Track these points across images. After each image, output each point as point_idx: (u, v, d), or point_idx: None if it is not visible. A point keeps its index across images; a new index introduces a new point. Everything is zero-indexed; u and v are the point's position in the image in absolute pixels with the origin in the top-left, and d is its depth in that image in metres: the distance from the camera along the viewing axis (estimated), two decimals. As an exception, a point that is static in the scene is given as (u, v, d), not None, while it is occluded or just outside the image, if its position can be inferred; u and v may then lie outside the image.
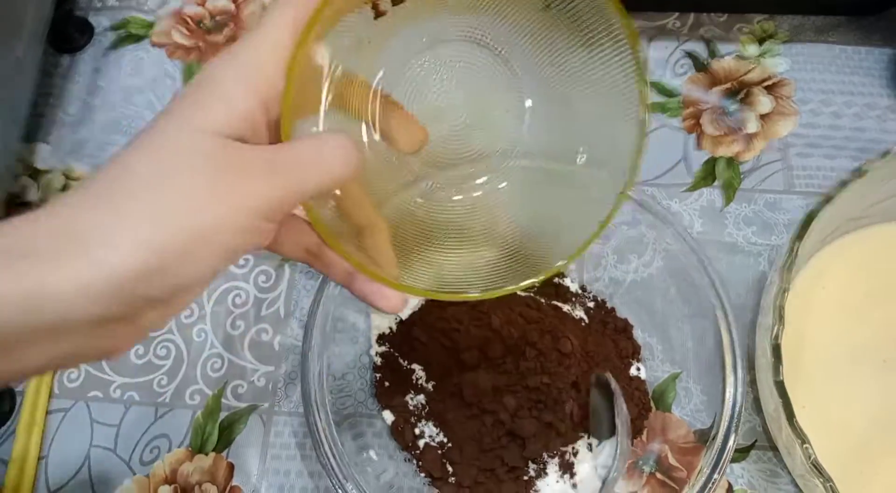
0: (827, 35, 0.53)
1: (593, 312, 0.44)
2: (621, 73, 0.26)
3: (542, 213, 0.31)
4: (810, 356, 0.42)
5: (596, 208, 0.27)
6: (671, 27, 0.54)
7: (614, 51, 0.26)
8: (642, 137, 0.26)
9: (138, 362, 0.45)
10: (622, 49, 0.26)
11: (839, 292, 0.43)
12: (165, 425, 0.44)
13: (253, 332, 0.46)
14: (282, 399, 0.44)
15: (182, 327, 0.46)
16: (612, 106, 0.27)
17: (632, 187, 0.27)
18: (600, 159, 0.29)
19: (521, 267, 0.29)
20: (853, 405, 0.41)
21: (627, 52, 0.25)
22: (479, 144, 0.30)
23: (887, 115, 0.50)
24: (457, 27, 0.29)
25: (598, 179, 0.29)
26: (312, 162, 0.23)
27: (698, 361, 0.43)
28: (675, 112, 0.51)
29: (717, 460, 0.38)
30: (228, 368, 0.45)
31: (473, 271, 0.29)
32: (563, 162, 0.30)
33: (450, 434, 0.41)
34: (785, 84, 0.51)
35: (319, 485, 0.42)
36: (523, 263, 0.29)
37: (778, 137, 0.50)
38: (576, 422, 0.41)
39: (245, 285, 0.47)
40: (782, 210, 0.48)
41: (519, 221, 0.30)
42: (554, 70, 0.29)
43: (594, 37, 0.26)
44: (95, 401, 0.44)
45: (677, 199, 0.48)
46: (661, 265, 0.45)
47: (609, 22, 0.25)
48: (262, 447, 0.43)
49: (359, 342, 0.44)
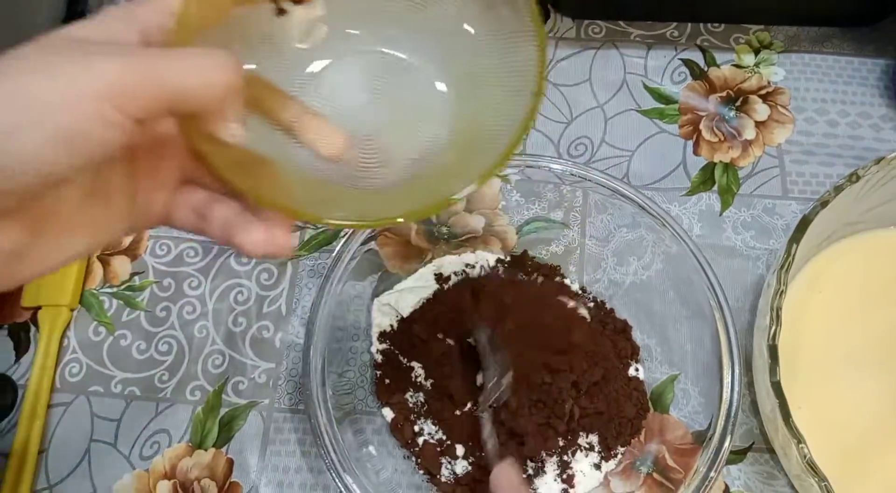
0: (822, 46, 0.54)
1: (593, 312, 0.45)
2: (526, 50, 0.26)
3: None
4: (806, 359, 0.42)
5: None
6: (669, 37, 0.55)
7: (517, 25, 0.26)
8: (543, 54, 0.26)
9: (140, 357, 0.45)
10: (527, 27, 0.26)
11: (835, 296, 0.43)
12: (166, 420, 0.44)
13: (254, 329, 0.46)
14: (282, 396, 0.44)
15: (184, 323, 0.46)
16: (519, 82, 0.26)
17: (542, 94, 0.26)
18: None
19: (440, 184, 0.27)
20: (849, 407, 0.41)
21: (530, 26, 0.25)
22: (397, 144, 0.29)
23: (882, 124, 0.51)
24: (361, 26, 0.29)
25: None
26: (181, 58, 0.21)
27: (696, 363, 0.43)
28: (673, 118, 0.52)
29: (713, 461, 0.39)
30: (229, 364, 0.45)
31: (388, 201, 0.28)
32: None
33: (448, 432, 0.41)
34: (781, 93, 0.52)
35: (319, 481, 0.42)
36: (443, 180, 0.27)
37: (774, 144, 0.51)
38: (575, 422, 0.41)
39: (247, 282, 0.47)
40: (779, 215, 0.48)
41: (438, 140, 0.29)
42: (464, 58, 0.29)
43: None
44: (96, 395, 0.44)
45: (676, 203, 0.49)
46: (660, 268, 0.45)
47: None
48: (261, 443, 0.43)
49: (360, 340, 0.45)
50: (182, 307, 0.47)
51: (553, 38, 0.55)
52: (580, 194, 0.47)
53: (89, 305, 0.47)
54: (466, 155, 0.27)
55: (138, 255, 0.48)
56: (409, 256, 0.47)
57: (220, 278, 0.47)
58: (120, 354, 0.46)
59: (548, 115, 0.52)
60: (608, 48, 0.54)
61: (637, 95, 0.53)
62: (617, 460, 0.42)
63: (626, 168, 0.50)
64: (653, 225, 0.44)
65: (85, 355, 0.46)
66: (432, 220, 0.47)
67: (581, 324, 0.43)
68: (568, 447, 0.41)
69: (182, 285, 0.47)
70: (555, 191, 0.47)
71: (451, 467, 0.41)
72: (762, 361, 0.37)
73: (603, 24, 0.55)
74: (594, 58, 0.54)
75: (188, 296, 0.47)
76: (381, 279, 0.46)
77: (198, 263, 0.48)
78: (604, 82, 0.53)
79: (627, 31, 0.55)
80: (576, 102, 0.53)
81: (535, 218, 0.48)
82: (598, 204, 0.47)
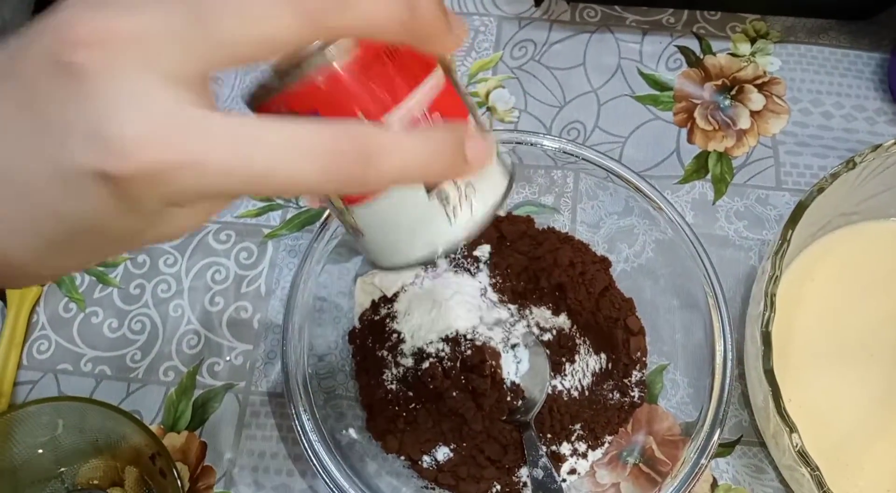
0: (818, 37, 0.53)
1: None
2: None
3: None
4: (798, 349, 0.41)
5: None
6: (665, 23, 0.54)
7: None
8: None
9: (111, 335, 0.44)
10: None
11: (828, 286, 0.43)
12: (137, 401, 0.42)
13: (232, 309, 0.44)
14: (259, 379, 0.43)
15: (158, 301, 0.45)
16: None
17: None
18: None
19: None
20: (840, 398, 0.40)
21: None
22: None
23: (876, 117, 0.51)
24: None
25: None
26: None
27: (686, 352, 0.42)
28: (668, 106, 0.51)
29: (701, 453, 0.38)
30: (205, 345, 0.43)
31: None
32: None
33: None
34: (777, 82, 0.51)
35: (295, 467, 0.41)
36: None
37: (769, 134, 0.50)
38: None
39: (226, 260, 0.46)
40: (773, 206, 0.48)
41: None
42: None
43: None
44: (65, 374, 0.43)
45: (669, 191, 0.48)
46: (651, 256, 0.44)
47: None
48: (236, 426, 0.42)
49: (341, 323, 0.43)
50: (157, 285, 0.45)
51: (548, 20, 0.54)
52: (571, 180, 0.46)
53: (60, 280, 0.45)
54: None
55: (113, 230, 0.46)
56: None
57: (197, 256, 0.46)
58: (91, 331, 0.44)
59: (540, 98, 0.51)
60: (603, 32, 0.53)
61: (631, 80, 0.52)
62: (603, 449, 0.41)
63: (618, 154, 0.49)
64: (647, 210, 0.42)
65: (54, 332, 0.44)
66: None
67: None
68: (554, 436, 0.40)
69: (157, 261, 0.46)
70: (546, 175, 0.46)
71: (432, 453, 0.39)
72: (755, 349, 0.36)
73: (598, 8, 0.54)
74: (589, 42, 0.53)
75: (163, 273, 0.45)
76: (364, 260, 0.44)
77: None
78: (598, 67, 0.52)
79: (623, 15, 0.54)
80: (569, 86, 0.51)
81: (525, 202, 0.46)
82: (589, 190, 0.46)
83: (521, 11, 0.54)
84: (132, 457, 0.38)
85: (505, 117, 0.50)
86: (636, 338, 0.42)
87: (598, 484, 0.40)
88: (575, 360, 0.41)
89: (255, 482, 0.40)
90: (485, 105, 0.51)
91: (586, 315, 0.41)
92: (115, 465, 0.38)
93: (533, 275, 0.42)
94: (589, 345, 0.41)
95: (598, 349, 0.41)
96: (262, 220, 0.47)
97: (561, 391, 0.40)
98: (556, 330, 0.41)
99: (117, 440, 0.37)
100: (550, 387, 0.40)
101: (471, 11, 0.54)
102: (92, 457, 0.38)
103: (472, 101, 0.24)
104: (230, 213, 0.47)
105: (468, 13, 0.54)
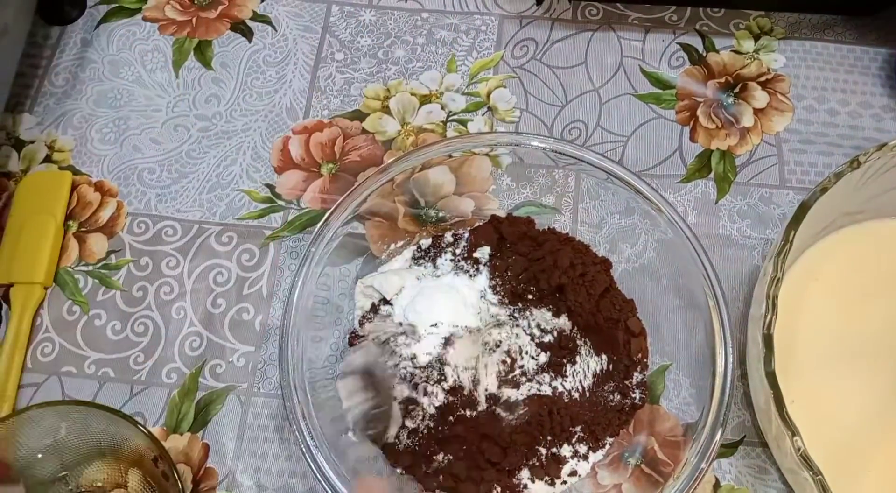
0: (823, 33, 0.53)
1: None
2: None
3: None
4: (801, 350, 0.41)
5: None
6: (668, 20, 0.53)
7: None
8: None
9: (114, 338, 0.44)
10: None
11: (832, 287, 0.42)
12: (140, 403, 0.42)
13: (234, 311, 0.45)
14: (261, 380, 0.43)
15: (161, 303, 0.45)
16: None
17: None
18: None
19: None
20: (843, 400, 0.40)
21: None
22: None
23: (883, 114, 0.50)
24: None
25: None
26: None
27: (688, 352, 0.42)
28: (670, 104, 0.50)
29: (703, 453, 0.37)
30: (207, 347, 0.44)
31: None
32: None
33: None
34: (780, 80, 0.51)
35: (297, 469, 0.41)
36: None
37: (773, 132, 0.49)
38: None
39: (228, 263, 0.46)
40: (776, 205, 0.47)
41: None
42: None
43: None
44: (69, 376, 0.43)
45: (671, 190, 0.48)
46: (653, 255, 0.44)
47: None
48: (239, 428, 0.42)
49: (342, 324, 0.43)
50: (159, 287, 0.45)
51: (549, 19, 0.53)
52: (573, 179, 0.46)
53: (63, 283, 0.45)
54: None
55: (115, 232, 0.47)
56: (396, 239, 0.45)
57: (199, 258, 0.46)
58: (94, 334, 0.44)
59: (542, 97, 0.51)
60: (605, 31, 0.53)
61: (634, 79, 0.51)
62: (605, 451, 0.40)
63: (620, 153, 0.49)
64: (647, 210, 0.42)
65: (58, 335, 0.44)
66: (420, 203, 0.46)
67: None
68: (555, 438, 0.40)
69: (160, 264, 0.46)
70: (547, 175, 0.46)
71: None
72: (756, 350, 0.36)
73: (600, 6, 0.54)
74: (590, 40, 0.53)
75: (166, 276, 0.45)
76: (365, 262, 0.44)
77: (176, 242, 0.46)
78: (600, 65, 0.52)
79: (625, 13, 0.53)
80: (570, 85, 0.51)
81: (526, 202, 0.46)
82: (590, 190, 0.45)
83: (522, 10, 0.54)
84: (135, 459, 0.38)
85: (506, 117, 0.50)
86: (637, 339, 0.41)
87: (600, 485, 0.40)
88: (576, 361, 0.41)
89: (257, 484, 0.41)
90: (486, 105, 0.51)
91: (587, 317, 0.41)
92: (118, 467, 0.39)
93: (533, 277, 0.42)
94: (590, 346, 0.41)
95: (598, 351, 0.41)
96: (263, 222, 0.47)
97: (561, 393, 0.40)
98: (556, 332, 0.41)
99: (120, 442, 0.38)
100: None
101: (472, 10, 0.54)
102: (95, 460, 0.39)
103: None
104: (232, 215, 0.47)
105: (469, 12, 0.54)
